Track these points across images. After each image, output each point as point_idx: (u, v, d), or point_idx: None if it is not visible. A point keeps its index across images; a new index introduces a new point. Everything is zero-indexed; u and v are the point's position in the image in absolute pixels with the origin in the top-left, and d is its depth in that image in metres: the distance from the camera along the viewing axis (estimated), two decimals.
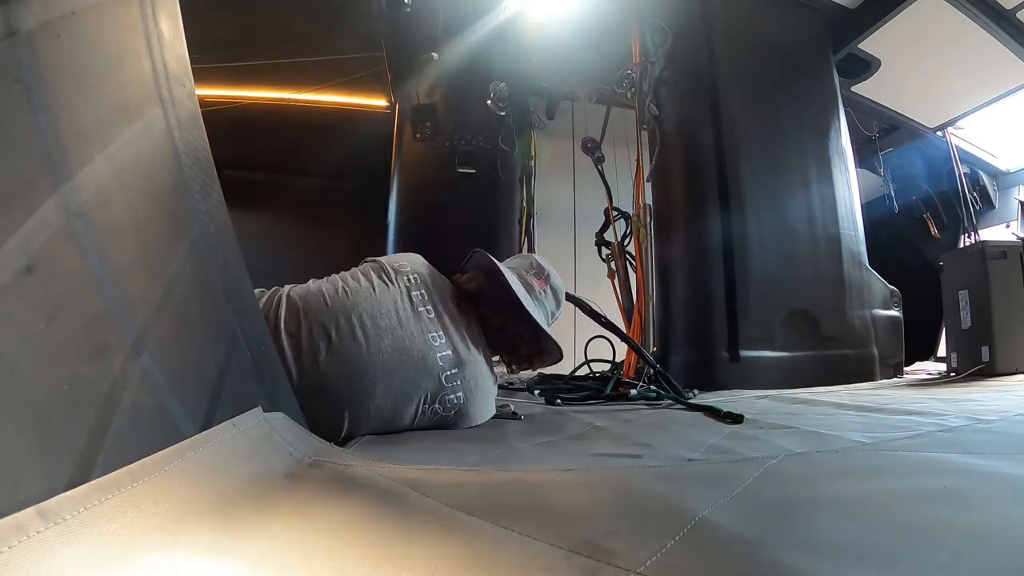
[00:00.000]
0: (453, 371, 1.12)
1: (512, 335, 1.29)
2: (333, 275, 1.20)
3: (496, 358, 1.34)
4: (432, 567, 0.40)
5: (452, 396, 1.12)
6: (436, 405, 1.11)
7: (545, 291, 1.37)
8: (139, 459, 0.44)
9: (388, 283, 1.16)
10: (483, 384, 1.19)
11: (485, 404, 1.21)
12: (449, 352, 1.12)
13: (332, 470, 0.64)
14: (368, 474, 0.63)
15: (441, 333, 1.13)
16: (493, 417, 1.26)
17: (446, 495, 0.54)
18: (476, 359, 1.18)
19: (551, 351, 1.31)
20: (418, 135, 3.20)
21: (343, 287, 1.13)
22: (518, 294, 1.22)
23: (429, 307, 1.15)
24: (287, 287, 1.15)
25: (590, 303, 1.77)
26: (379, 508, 0.53)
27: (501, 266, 1.26)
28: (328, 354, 1.04)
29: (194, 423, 0.54)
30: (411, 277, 1.19)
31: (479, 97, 2.97)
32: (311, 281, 1.17)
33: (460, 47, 3.06)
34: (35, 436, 0.37)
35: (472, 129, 3.18)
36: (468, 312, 1.23)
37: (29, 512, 0.34)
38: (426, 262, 1.28)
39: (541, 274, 1.38)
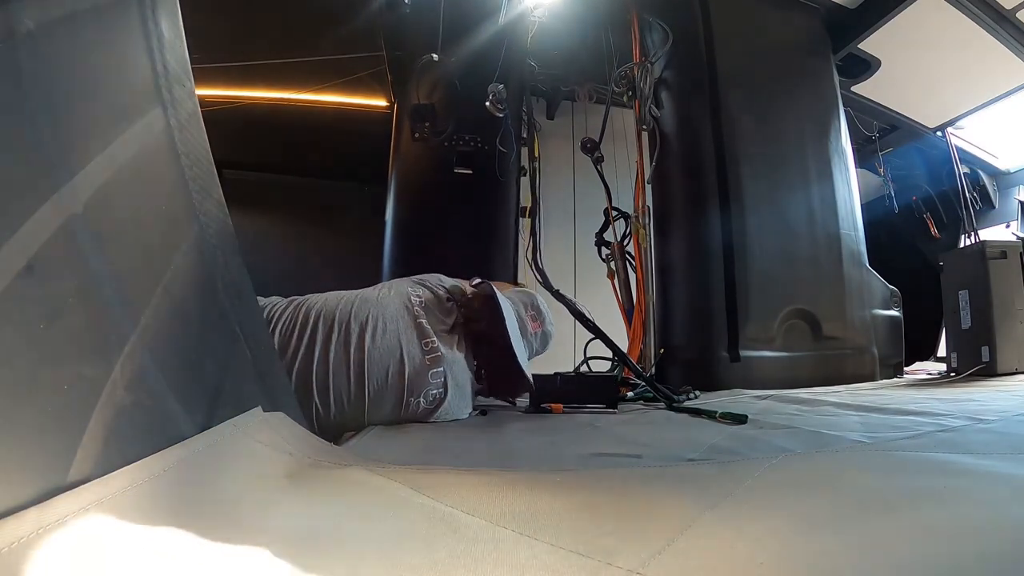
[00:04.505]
0: (438, 369, 1.26)
1: (494, 365, 1.40)
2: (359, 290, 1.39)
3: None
4: (432, 567, 0.40)
5: (435, 391, 1.25)
6: (420, 399, 1.24)
7: (536, 334, 1.52)
8: (139, 459, 0.44)
9: (397, 293, 1.33)
10: (462, 384, 1.32)
11: (463, 402, 1.33)
12: (437, 354, 1.27)
13: (332, 470, 0.64)
14: (368, 474, 0.63)
15: (433, 339, 1.28)
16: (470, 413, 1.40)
17: (446, 495, 0.54)
18: (459, 360, 1.31)
19: (523, 386, 1.44)
20: (416, 135, 3.19)
21: (358, 295, 1.31)
22: (510, 334, 1.34)
23: (424, 319, 1.31)
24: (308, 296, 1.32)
25: (583, 309, 1.79)
26: (378, 508, 0.53)
27: (503, 301, 1.36)
28: (334, 347, 1.19)
29: (194, 423, 0.54)
30: (416, 292, 1.35)
31: (478, 98, 2.97)
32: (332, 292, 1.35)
33: (460, 47, 3.05)
34: (35, 436, 0.37)
35: (471, 130, 3.17)
36: (460, 332, 1.37)
37: (29, 512, 0.34)
38: (439, 283, 1.42)
39: (538, 317, 1.54)
